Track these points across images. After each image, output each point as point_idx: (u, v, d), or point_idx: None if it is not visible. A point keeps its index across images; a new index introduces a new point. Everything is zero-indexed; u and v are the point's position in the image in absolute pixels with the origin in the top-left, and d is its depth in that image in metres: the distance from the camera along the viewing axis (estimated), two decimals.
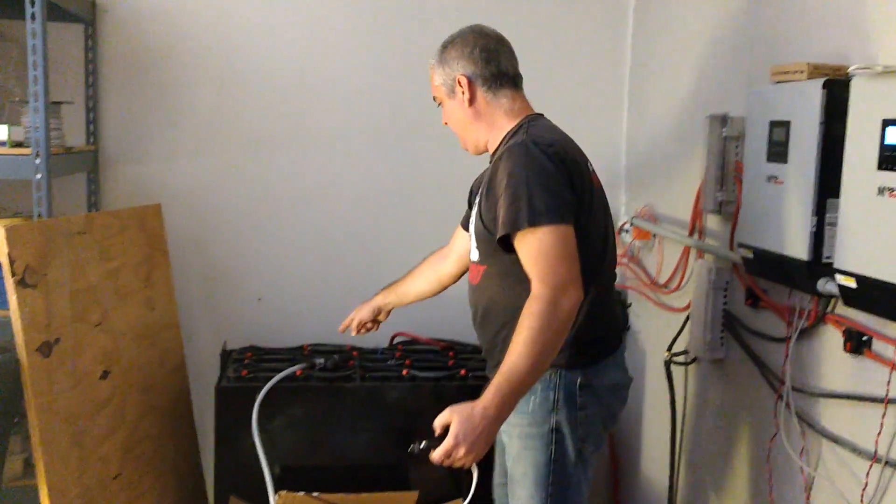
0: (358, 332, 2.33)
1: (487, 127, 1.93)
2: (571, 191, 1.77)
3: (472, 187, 2.11)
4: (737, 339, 2.26)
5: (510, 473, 1.93)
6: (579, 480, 1.88)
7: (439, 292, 2.28)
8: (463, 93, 1.91)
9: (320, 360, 2.53)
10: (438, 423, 1.65)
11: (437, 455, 1.62)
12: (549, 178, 1.73)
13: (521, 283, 1.73)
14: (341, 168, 3.00)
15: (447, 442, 1.60)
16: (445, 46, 1.95)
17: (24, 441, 2.47)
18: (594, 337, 1.88)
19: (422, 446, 1.66)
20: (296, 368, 2.46)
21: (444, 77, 1.93)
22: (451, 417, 1.62)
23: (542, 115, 1.98)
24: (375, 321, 2.34)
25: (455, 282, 2.25)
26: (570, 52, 3.07)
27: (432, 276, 2.26)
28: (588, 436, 1.86)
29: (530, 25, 3.04)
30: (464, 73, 1.90)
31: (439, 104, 1.99)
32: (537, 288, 1.68)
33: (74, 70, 2.80)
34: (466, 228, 2.11)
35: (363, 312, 2.32)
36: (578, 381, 1.84)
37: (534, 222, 1.69)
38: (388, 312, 2.35)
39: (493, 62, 1.91)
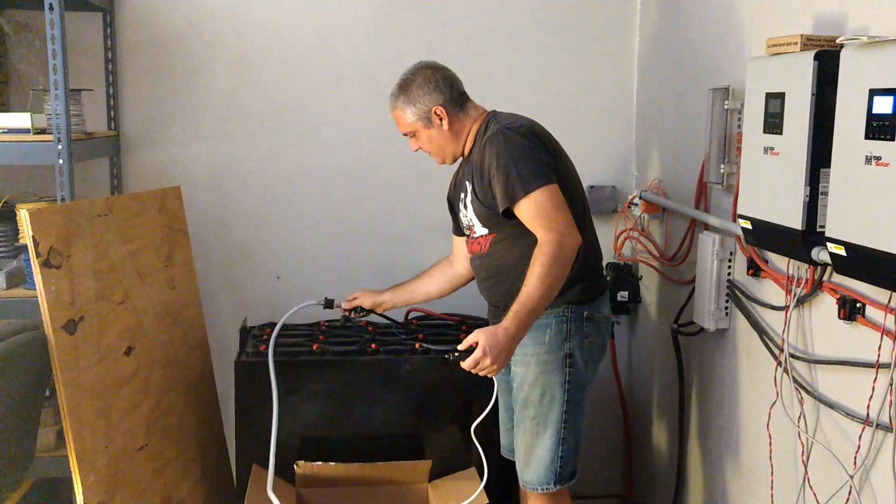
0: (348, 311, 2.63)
1: (464, 137, 2.25)
2: (547, 154, 2.12)
3: (448, 198, 2.43)
4: (740, 309, 2.30)
5: (524, 398, 2.22)
6: (585, 399, 2.23)
7: (449, 293, 2.56)
8: (441, 119, 2.21)
9: (339, 302, 2.64)
10: (466, 341, 1.97)
11: (467, 363, 1.95)
12: (527, 150, 2.08)
13: (526, 240, 2.08)
14: (358, 148, 3.07)
15: (476, 353, 1.93)
16: (405, 87, 2.22)
17: (55, 414, 2.59)
18: (594, 273, 2.26)
19: (455, 356, 1.97)
20: (314, 303, 2.66)
21: (417, 113, 2.21)
22: (479, 336, 1.95)
23: (495, 110, 2.27)
24: (370, 311, 2.63)
25: (466, 283, 2.52)
26: (580, 31, 3.10)
27: (442, 278, 2.54)
28: (590, 360, 2.23)
29: (541, 7, 3.07)
30: (437, 103, 2.20)
31: (412, 136, 2.27)
32: (544, 236, 2.01)
33: (94, 58, 2.89)
34: (458, 234, 2.44)
35: (366, 301, 2.59)
36: (585, 313, 2.20)
37: (527, 190, 2.03)
38: (387, 309, 2.62)
39: (455, 86, 2.25)
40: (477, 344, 1.95)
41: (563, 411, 2.18)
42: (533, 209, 2.03)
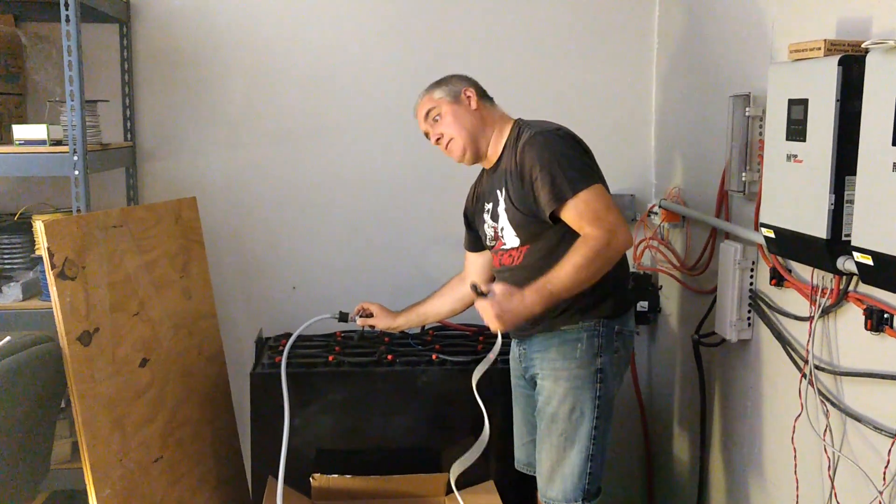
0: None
1: (492, 133, 2.21)
2: (588, 156, 2.13)
3: (465, 212, 2.41)
4: (763, 320, 2.26)
5: (552, 413, 2.16)
6: (612, 414, 2.20)
7: (461, 311, 2.51)
8: (470, 98, 2.21)
9: (354, 317, 2.61)
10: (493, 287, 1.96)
11: (477, 303, 1.96)
12: (568, 152, 2.07)
13: (561, 251, 2.02)
14: (372, 158, 3.05)
15: (487, 298, 1.93)
16: (440, 81, 2.24)
17: (71, 426, 2.59)
18: (623, 286, 2.23)
19: (480, 291, 1.97)
20: (328, 316, 2.61)
21: (446, 91, 2.21)
22: (498, 286, 1.95)
23: (521, 118, 2.26)
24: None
25: None
26: (599, 38, 3.07)
27: (453, 297, 2.50)
28: (617, 375, 2.20)
29: (559, 13, 3.05)
30: (467, 86, 2.23)
31: (435, 118, 2.21)
32: (591, 231, 1.96)
33: (110, 69, 2.89)
34: (471, 250, 2.42)
35: (380, 323, 2.56)
36: (615, 328, 2.16)
37: (575, 190, 2.01)
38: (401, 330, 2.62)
39: (479, 86, 2.27)
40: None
41: (593, 427, 2.14)
42: (581, 208, 2.00)
